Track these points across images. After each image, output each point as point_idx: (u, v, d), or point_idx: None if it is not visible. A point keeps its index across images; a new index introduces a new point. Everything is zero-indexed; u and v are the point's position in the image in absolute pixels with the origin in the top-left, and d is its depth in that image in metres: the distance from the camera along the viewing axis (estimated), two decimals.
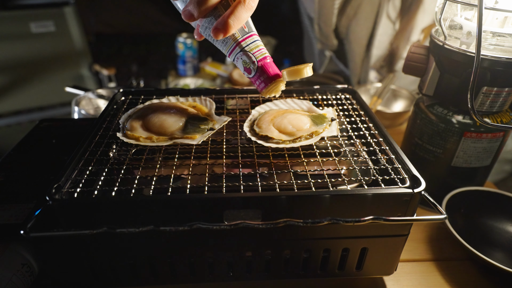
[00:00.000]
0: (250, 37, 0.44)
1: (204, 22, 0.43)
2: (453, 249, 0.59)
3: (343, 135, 0.53)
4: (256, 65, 0.44)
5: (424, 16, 1.04)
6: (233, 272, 0.46)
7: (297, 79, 0.46)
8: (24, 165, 0.55)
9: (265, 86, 0.45)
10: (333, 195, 0.39)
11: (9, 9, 1.72)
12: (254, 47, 0.44)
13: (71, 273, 0.45)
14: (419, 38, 1.09)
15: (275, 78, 0.45)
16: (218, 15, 0.42)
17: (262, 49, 0.45)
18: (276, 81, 0.45)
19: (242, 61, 0.45)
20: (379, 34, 1.09)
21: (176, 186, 0.41)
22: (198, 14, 0.40)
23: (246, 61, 0.45)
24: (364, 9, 1.06)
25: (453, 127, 0.60)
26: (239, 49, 0.44)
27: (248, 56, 0.44)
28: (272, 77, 0.45)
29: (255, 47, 0.44)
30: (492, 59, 0.52)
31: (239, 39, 0.44)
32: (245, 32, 0.44)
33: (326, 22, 1.13)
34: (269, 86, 0.45)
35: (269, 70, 0.45)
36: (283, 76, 0.45)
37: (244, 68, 0.45)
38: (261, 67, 0.44)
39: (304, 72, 0.45)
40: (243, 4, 0.40)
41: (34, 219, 0.37)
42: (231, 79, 1.52)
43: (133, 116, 0.54)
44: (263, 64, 0.44)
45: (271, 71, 0.45)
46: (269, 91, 0.46)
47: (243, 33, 0.44)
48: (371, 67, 1.18)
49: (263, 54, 0.45)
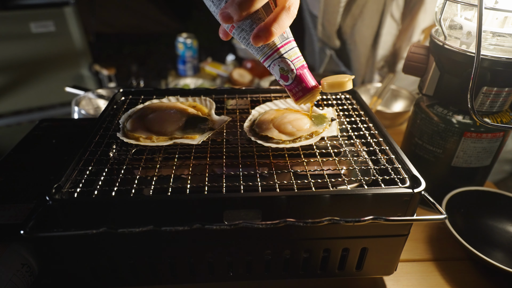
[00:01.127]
0: (288, 44, 0.42)
1: (242, 24, 0.41)
2: (453, 249, 0.59)
3: (343, 135, 0.53)
4: (295, 73, 0.43)
5: (425, 17, 1.04)
6: (233, 272, 0.46)
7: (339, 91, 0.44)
8: (24, 165, 0.55)
9: (302, 95, 0.44)
10: (333, 195, 0.39)
11: (9, 9, 1.72)
12: (293, 54, 0.43)
13: (71, 273, 0.45)
14: (420, 38, 1.09)
15: (313, 89, 0.44)
16: (258, 18, 0.40)
17: (300, 57, 0.43)
18: (313, 91, 0.44)
19: (279, 68, 0.43)
20: (384, 33, 1.09)
21: (176, 186, 0.41)
22: (238, 18, 0.38)
23: (284, 69, 0.43)
24: (370, 8, 1.06)
25: (453, 127, 0.60)
26: (277, 55, 0.42)
27: (286, 63, 0.42)
28: (310, 88, 0.43)
29: (294, 54, 0.43)
30: (492, 59, 0.52)
31: (278, 45, 0.42)
32: (284, 38, 0.42)
33: (331, 21, 1.13)
34: (306, 95, 0.44)
35: (308, 80, 0.43)
36: (323, 87, 0.44)
37: (281, 75, 0.43)
38: (299, 76, 0.43)
39: (347, 85, 0.43)
40: (287, 11, 0.39)
41: (34, 219, 0.37)
42: (231, 79, 1.52)
43: (133, 116, 0.54)
44: (302, 73, 0.43)
45: (310, 81, 0.44)
46: (305, 101, 0.45)
47: (282, 39, 0.42)
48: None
49: (301, 62, 0.43)
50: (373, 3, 1.06)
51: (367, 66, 1.19)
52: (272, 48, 0.42)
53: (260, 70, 1.63)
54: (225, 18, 0.39)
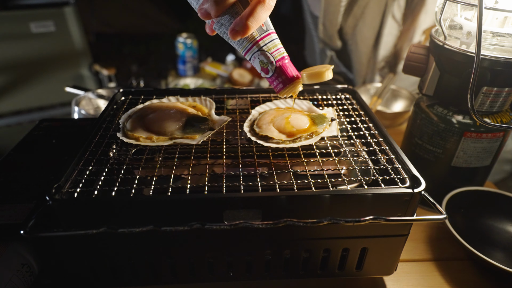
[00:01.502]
0: (268, 36, 0.42)
1: (220, 19, 0.41)
2: (453, 249, 0.59)
3: (343, 135, 0.53)
4: (274, 65, 0.43)
5: (426, 17, 1.04)
6: (233, 272, 0.46)
7: (318, 81, 0.44)
8: (24, 165, 0.55)
9: (283, 87, 0.44)
10: (333, 195, 0.39)
11: (9, 9, 1.72)
12: (272, 47, 0.43)
13: (71, 273, 0.45)
14: (420, 39, 1.09)
15: (293, 80, 0.44)
16: (235, 12, 0.40)
17: (280, 49, 0.43)
18: (294, 83, 0.44)
19: (259, 61, 0.43)
20: (385, 34, 1.09)
21: (176, 186, 0.41)
22: (215, 13, 0.39)
23: (263, 61, 0.43)
24: (371, 8, 1.06)
25: (453, 127, 0.60)
26: (257, 48, 0.42)
27: (266, 55, 0.42)
28: (290, 79, 0.43)
29: (273, 46, 0.43)
30: (492, 59, 0.52)
31: (257, 38, 0.42)
32: (263, 31, 0.42)
33: (332, 21, 1.13)
34: (287, 87, 0.44)
35: (288, 71, 0.43)
36: (303, 78, 0.44)
37: (261, 68, 0.43)
38: (279, 67, 0.43)
39: (325, 75, 0.43)
40: (262, 4, 0.39)
41: (34, 219, 0.37)
42: (231, 79, 1.52)
43: (133, 116, 0.54)
44: (281, 65, 0.43)
45: (290, 72, 0.43)
46: (287, 92, 0.45)
47: (261, 32, 0.42)
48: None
49: (281, 54, 0.43)
50: (374, 3, 1.06)
51: (368, 66, 1.19)
52: (251, 42, 0.42)
53: None
54: (204, 15, 0.40)
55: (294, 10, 1.51)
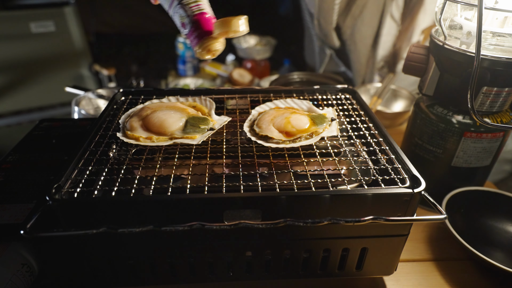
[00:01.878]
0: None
1: None
2: (453, 249, 0.59)
3: (343, 135, 0.53)
4: (191, 19, 0.43)
5: (425, 17, 1.04)
6: (233, 272, 0.46)
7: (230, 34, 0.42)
8: (24, 165, 0.55)
9: (198, 41, 0.43)
10: (333, 195, 0.39)
11: (9, 9, 1.72)
12: (192, 1, 0.43)
13: (71, 273, 0.45)
14: (419, 39, 1.09)
15: (209, 33, 0.43)
16: None
17: (200, 5, 0.43)
18: (210, 37, 0.43)
19: (178, 15, 0.43)
20: (384, 34, 1.09)
21: (176, 186, 0.41)
22: None
23: (182, 15, 0.43)
24: (370, 8, 1.06)
25: (453, 127, 0.60)
26: (177, 2, 0.43)
27: (184, 9, 0.43)
28: (206, 32, 0.43)
29: (193, 1, 0.43)
30: (492, 59, 0.52)
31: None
32: None
33: (326, 18, 1.12)
34: (202, 41, 0.43)
35: (204, 25, 0.43)
36: (215, 26, 0.43)
37: (181, 23, 0.44)
38: (196, 21, 0.43)
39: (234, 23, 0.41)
40: None
41: (34, 219, 0.37)
42: (231, 79, 1.52)
43: (133, 116, 0.54)
44: (198, 18, 0.43)
45: (206, 26, 0.43)
46: (203, 48, 0.44)
47: None
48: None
49: (200, 9, 0.43)
50: (373, 3, 1.06)
51: (367, 66, 1.19)
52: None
53: (260, 70, 1.63)
54: None
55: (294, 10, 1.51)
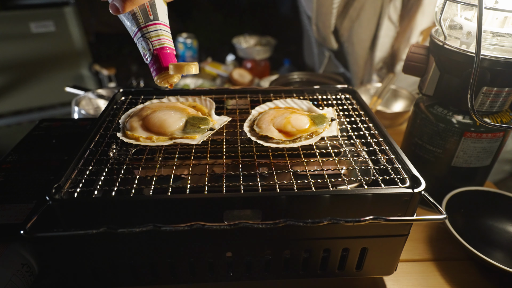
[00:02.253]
0: (153, 25, 0.45)
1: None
2: (453, 249, 0.59)
3: (343, 135, 0.53)
4: (152, 53, 0.46)
5: (423, 18, 1.04)
6: (233, 272, 0.46)
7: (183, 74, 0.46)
8: (24, 165, 0.55)
9: (156, 74, 0.47)
10: (333, 195, 0.39)
11: (9, 9, 1.72)
12: (154, 35, 0.46)
13: (71, 273, 0.45)
14: (418, 40, 1.09)
15: (166, 69, 0.46)
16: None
17: (162, 39, 0.46)
18: (166, 72, 0.46)
19: (141, 46, 0.46)
20: (382, 36, 1.09)
21: (176, 186, 0.41)
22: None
23: (144, 47, 0.46)
24: (367, 10, 1.06)
25: (453, 127, 0.60)
26: (140, 34, 0.46)
27: (146, 42, 0.45)
28: (163, 67, 0.46)
29: (156, 35, 0.46)
30: (492, 59, 0.52)
31: (142, 24, 0.45)
32: (149, 19, 0.45)
33: (325, 22, 1.13)
34: (160, 74, 0.46)
35: (162, 60, 0.46)
36: (170, 69, 0.46)
37: (142, 53, 0.47)
38: (156, 55, 0.46)
39: (185, 69, 0.45)
40: None
41: (34, 219, 0.37)
42: (231, 79, 1.52)
43: (133, 116, 0.54)
44: (158, 53, 0.46)
45: (165, 62, 0.46)
46: (161, 80, 0.47)
47: (147, 20, 0.45)
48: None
49: (162, 44, 0.46)
50: (370, 6, 1.06)
51: (365, 68, 1.19)
52: (137, 27, 0.46)
53: (260, 70, 1.63)
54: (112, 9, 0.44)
55: (294, 11, 1.51)
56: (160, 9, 0.46)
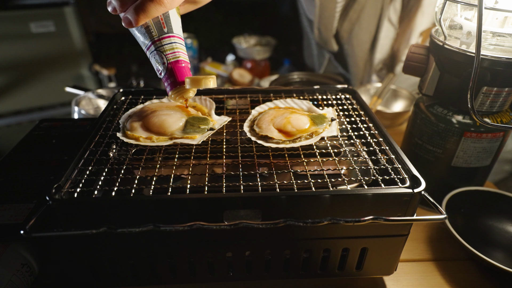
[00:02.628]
0: (167, 38, 0.44)
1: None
2: (453, 249, 0.59)
3: (343, 135, 0.53)
4: (166, 67, 0.44)
5: (422, 19, 1.04)
6: (233, 272, 0.46)
7: (200, 88, 0.46)
8: (24, 165, 0.55)
9: (171, 89, 0.46)
10: (333, 195, 0.39)
11: (9, 9, 1.72)
12: (169, 49, 0.44)
13: (71, 273, 0.45)
14: (418, 41, 1.09)
15: (181, 84, 0.45)
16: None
17: (177, 52, 0.45)
18: (182, 87, 0.45)
19: (154, 60, 0.45)
20: (382, 37, 1.09)
21: (176, 186, 0.41)
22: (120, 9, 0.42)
23: (158, 61, 0.45)
24: (367, 12, 1.06)
25: (453, 127, 0.60)
26: (154, 47, 0.44)
27: (160, 56, 0.44)
28: (179, 82, 0.45)
29: (170, 48, 0.44)
30: (492, 59, 0.52)
31: (155, 38, 0.44)
32: (163, 32, 0.44)
33: (327, 26, 1.12)
34: (175, 89, 0.45)
35: (177, 75, 0.45)
36: (186, 82, 0.45)
37: (156, 67, 0.46)
38: (170, 69, 0.45)
39: (203, 83, 0.44)
40: (153, 1, 0.40)
41: (34, 219, 0.37)
42: (231, 79, 1.52)
43: (133, 116, 0.54)
44: (173, 67, 0.45)
45: (180, 76, 0.45)
46: (176, 95, 0.46)
47: (161, 33, 0.44)
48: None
49: (176, 57, 0.45)
50: (370, 8, 1.05)
51: (365, 70, 1.19)
52: (150, 40, 0.44)
53: (260, 70, 1.63)
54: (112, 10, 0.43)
55: (294, 10, 1.51)
56: (174, 22, 0.45)
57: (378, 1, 1.04)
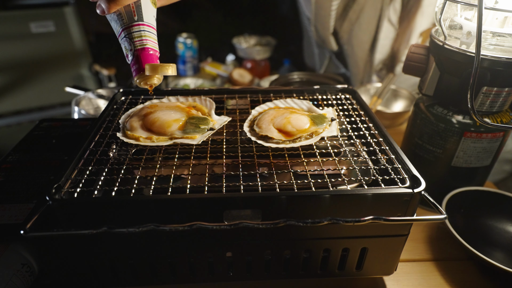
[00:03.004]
0: (137, 26, 0.46)
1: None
2: (453, 249, 0.59)
3: (343, 135, 0.53)
4: (133, 53, 0.46)
5: (422, 20, 1.04)
6: (233, 272, 0.46)
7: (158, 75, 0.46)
8: (24, 165, 0.55)
9: (135, 74, 0.47)
10: (333, 195, 0.39)
11: (9, 9, 1.72)
12: (137, 36, 0.46)
13: (71, 273, 0.45)
14: (417, 41, 1.09)
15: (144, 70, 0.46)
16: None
17: (144, 40, 0.46)
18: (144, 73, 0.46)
19: (124, 46, 0.47)
20: (382, 38, 1.09)
21: (176, 186, 0.41)
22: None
23: (126, 47, 0.46)
24: (367, 13, 1.06)
25: (453, 127, 0.60)
26: (124, 34, 0.46)
27: (129, 43, 0.46)
28: (142, 68, 0.46)
29: (138, 36, 0.46)
30: (492, 59, 0.52)
31: (126, 25, 0.46)
32: (133, 20, 0.46)
33: (324, 25, 1.12)
34: (139, 75, 0.47)
35: (142, 61, 0.46)
36: (146, 69, 0.46)
37: (125, 53, 0.47)
38: (137, 56, 0.46)
39: (160, 70, 0.45)
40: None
41: (34, 219, 0.37)
42: (231, 79, 1.52)
43: (133, 116, 0.54)
44: (139, 54, 0.46)
45: (144, 63, 0.46)
46: (140, 80, 0.47)
47: (131, 21, 0.46)
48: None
49: (143, 45, 0.46)
50: (370, 8, 1.05)
51: (365, 70, 1.19)
52: (121, 27, 0.46)
53: (260, 70, 1.63)
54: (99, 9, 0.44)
55: (294, 10, 1.51)
56: (146, 11, 0.47)
57: (377, 2, 1.04)
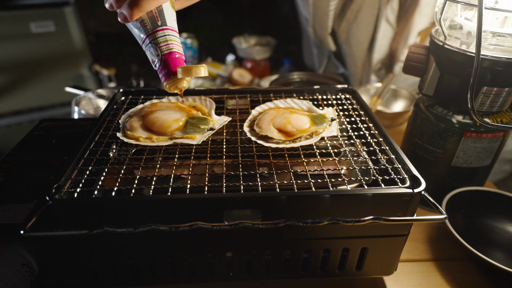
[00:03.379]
0: (161, 31, 0.46)
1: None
2: (453, 249, 0.59)
3: (343, 135, 0.53)
4: (160, 58, 0.46)
5: (420, 19, 1.04)
6: (233, 272, 0.46)
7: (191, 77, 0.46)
8: (24, 165, 0.55)
9: (165, 79, 0.47)
10: (333, 195, 0.39)
11: (9, 9, 1.72)
12: (163, 41, 0.46)
13: (71, 273, 0.45)
14: (416, 41, 1.09)
15: (175, 74, 0.46)
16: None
17: (170, 44, 0.46)
18: (175, 77, 0.46)
19: (149, 53, 0.47)
20: (380, 37, 1.09)
21: (176, 186, 0.41)
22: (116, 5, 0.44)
23: (152, 53, 0.46)
24: (364, 13, 1.06)
25: (453, 127, 0.60)
26: (148, 40, 0.46)
27: (155, 48, 0.46)
28: (172, 72, 0.46)
29: (164, 41, 0.46)
30: (492, 59, 0.52)
31: (150, 31, 0.45)
32: (157, 25, 0.45)
33: (321, 25, 1.12)
34: (169, 79, 0.46)
35: (171, 65, 0.46)
36: (178, 72, 0.46)
37: (151, 59, 0.47)
38: (164, 60, 0.46)
39: (194, 71, 0.45)
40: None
41: (34, 219, 0.37)
42: (231, 79, 1.52)
43: (133, 116, 0.54)
44: (166, 59, 0.46)
45: (173, 67, 0.46)
46: (170, 85, 0.47)
47: (155, 26, 0.45)
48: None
49: (170, 49, 0.46)
50: (367, 8, 1.05)
51: (363, 70, 1.19)
52: (145, 34, 0.46)
53: (260, 70, 1.63)
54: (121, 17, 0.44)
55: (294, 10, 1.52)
56: (168, 15, 0.46)
57: (375, 1, 1.04)
